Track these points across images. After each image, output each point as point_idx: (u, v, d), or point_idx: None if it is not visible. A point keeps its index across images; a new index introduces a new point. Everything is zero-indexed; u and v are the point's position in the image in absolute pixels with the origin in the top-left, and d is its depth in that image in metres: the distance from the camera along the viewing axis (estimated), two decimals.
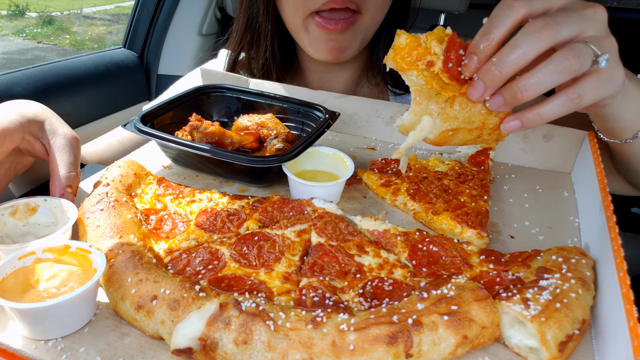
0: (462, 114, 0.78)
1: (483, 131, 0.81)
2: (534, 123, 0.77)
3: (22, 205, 0.84)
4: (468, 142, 0.83)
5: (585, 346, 0.68)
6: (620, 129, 0.98)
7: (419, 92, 0.79)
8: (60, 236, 0.78)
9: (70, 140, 0.92)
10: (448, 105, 0.78)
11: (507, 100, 0.75)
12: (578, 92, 0.75)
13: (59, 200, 0.85)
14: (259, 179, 1.07)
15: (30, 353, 0.64)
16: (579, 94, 0.75)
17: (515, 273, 0.75)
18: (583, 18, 0.74)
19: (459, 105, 0.78)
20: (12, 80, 1.92)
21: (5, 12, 6.24)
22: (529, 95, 0.73)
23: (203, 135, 1.10)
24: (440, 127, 0.79)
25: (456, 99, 0.77)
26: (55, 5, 7.19)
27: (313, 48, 1.37)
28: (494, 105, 0.77)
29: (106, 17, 7.25)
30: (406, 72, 0.79)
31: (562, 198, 1.06)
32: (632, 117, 0.95)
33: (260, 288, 0.73)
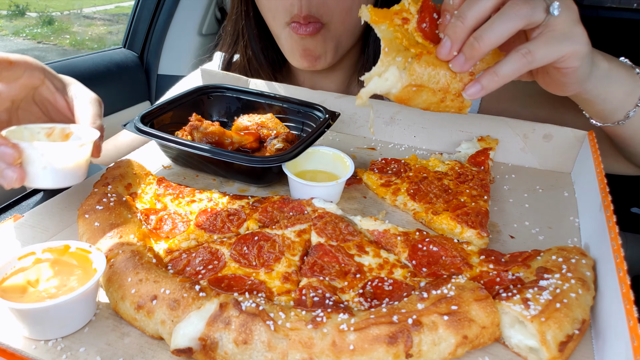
0: (427, 71, 0.79)
1: (447, 95, 0.82)
2: (493, 82, 0.78)
3: (58, 129, 0.87)
4: (431, 105, 0.83)
5: (585, 346, 0.68)
6: (609, 111, 0.99)
7: (389, 44, 0.79)
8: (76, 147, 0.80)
9: (96, 98, 0.94)
10: (415, 60, 0.79)
11: (467, 54, 0.77)
12: (529, 47, 0.76)
13: (89, 130, 0.87)
14: (259, 179, 1.07)
15: (30, 353, 0.64)
16: (529, 50, 0.76)
17: (515, 273, 0.75)
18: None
19: (425, 63, 0.79)
20: None
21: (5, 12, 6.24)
22: (485, 45, 0.75)
23: (203, 135, 1.10)
24: (405, 80, 0.80)
25: (423, 56, 0.79)
26: (55, 5, 7.19)
27: (290, 55, 1.39)
28: (456, 64, 0.78)
29: (106, 17, 7.25)
30: (379, 24, 0.79)
31: (562, 198, 1.06)
32: (619, 97, 0.96)
33: (260, 288, 0.73)
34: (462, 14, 0.75)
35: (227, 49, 1.56)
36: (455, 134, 1.25)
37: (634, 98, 0.97)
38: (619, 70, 0.94)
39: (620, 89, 0.95)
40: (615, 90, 0.95)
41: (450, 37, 0.77)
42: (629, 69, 0.97)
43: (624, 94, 0.96)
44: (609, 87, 0.94)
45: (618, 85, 0.95)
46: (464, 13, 0.75)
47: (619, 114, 0.99)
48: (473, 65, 0.79)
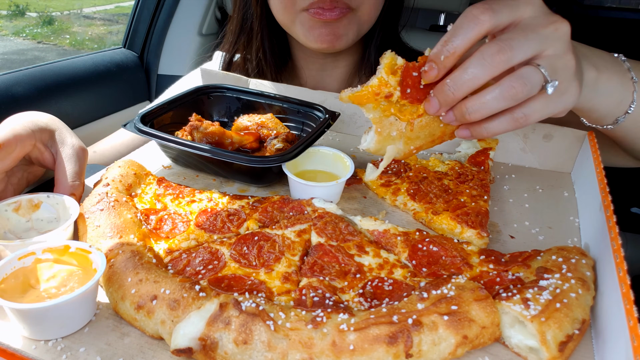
0: (422, 132, 0.81)
1: (444, 138, 0.84)
2: (482, 135, 0.79)
3: (25, 201, 0.84)
4: (430, 147, 0.86)
5: (585, 346, 0.68)
6: (597, 118, 0.99)
7: (379, 123, 0.81)
8: (62, 232, 0.78)
9: (77, 150, 0.94)
10: (408, 129, 0.81)
11: (457, 118, 0.77)
12: (524, 112, 0.75)
13: (61, 197, 0.86)
14: (259, 179, 1.07)
15: (30, 353, 0.64)
16: (524, 114, 0.76)
17: (515, 273, 0.75)
18: (542, 38, 0.73)
19: (418, 127, 0.81)
20: (12, 80, 1.92)
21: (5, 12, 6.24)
22: (476, 117, 0.75)
23: (203, 135, 1.10)
24: (404, 149, 0.83)
25: (415, 121, 0.80)
26: (55, 5, 7.19)
27: (307, 38, 1.35)
28: (446, 120, 0.79)
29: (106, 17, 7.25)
30: (364, 105, 0.80)
31: (562, 198, 1.06)
32: (607, 107, 0.95)
33: (260, 288, 0.73)
34: (455, 84, 0.73)
35: (229, 48, 1.56)
36: None
37: (623, 106, 0.94)
38: (610, 79, 0.91)
39: (609, 99, 0.93)
40: (602, 102, 0.93)
41: (439, 101, 0.76)
42: (621, 74, 0.93)
43: (612, 104, 0.94)
44: (596, 100, 0.92)
45: (606, 97, 0.92)
46: (456, 84, 0.73)
47: (608, 120, 0.98)
48: None
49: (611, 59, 0.94)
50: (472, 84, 0.72)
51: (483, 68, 0.71)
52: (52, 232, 0.78)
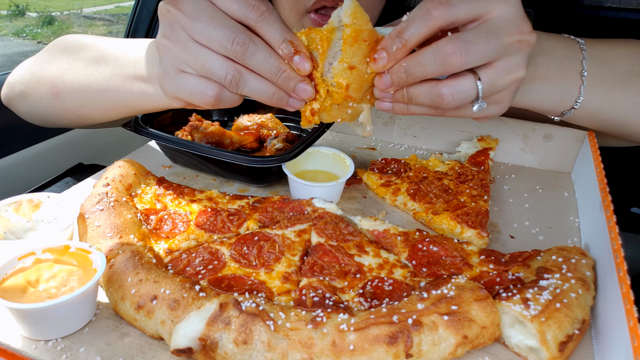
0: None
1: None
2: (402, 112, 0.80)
3: (25, 202, 0.84)
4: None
5: (585, 346, 0.68)
6: (543, 113, 0.98)
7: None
8: (62, 232, 0.78)
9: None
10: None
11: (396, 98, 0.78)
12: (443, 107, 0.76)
13: (61, 197, 0.85)
14: (259, 179, 1.07)
15: (30, 353, 0.64)
16: (443, 110, 0.77)
17: (515, 273, 0.75)
18: (502, 48, 0.71)
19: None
20: None
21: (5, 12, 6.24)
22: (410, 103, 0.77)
23: (203, 135, 1.10)
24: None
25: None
26: (55, 5, 7.19)
27: None
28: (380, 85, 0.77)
29: (106, 17, 7.25)
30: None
31: (562, 198, 1.06)
32: (545, 106, 0.94)
33: (260, 288, 0.73)
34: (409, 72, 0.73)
35: None
36: (455, 134, 1.25)
37: (567, 102, 0.92)
38: (547, 79, 0.89)
39: (547, 99, 0.92)
40: (538, 102, 0.92)
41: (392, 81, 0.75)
42: (566, 71, 0.91)
43: (552, 102, 0.92)
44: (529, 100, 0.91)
45: (542, 97, 0.91)
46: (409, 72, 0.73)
47: (554, 114, 0.97)
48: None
49: (565, 52, 0.92)
50: (423, 75, 0.73)
51: (435, 65, 0.70)
52: (52, 232, 0.78)
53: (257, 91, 0.76)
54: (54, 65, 1.16)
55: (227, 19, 0.71)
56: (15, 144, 1.57)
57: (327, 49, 0.75)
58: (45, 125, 1.29)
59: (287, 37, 0.72)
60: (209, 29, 0.71)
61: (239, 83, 0.74)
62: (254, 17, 0.70)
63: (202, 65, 0.73)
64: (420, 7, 0.70)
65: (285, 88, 0.75)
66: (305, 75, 0.75)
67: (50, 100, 1.16)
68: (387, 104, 0.80)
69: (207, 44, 0.72)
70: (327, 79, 0.77)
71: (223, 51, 0.72)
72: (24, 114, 1.28)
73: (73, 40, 1.19)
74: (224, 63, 0.73)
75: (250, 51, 0.71)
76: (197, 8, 0.71)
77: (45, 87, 1.16)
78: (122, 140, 1.83)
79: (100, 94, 1.08)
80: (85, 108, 1.14)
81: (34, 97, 1.19)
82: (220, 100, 0.76)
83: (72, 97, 1.13)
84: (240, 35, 0.70)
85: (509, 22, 0.71)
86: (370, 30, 0.73)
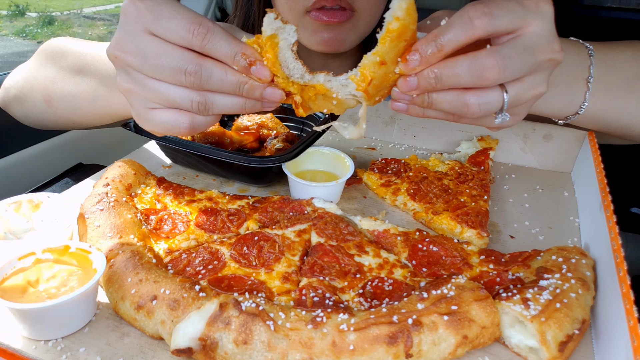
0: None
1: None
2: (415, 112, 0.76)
3: (25, 202, 0.84)
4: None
5: (585, 346, 0.68)
6: (547, 117, 0.98)
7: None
8: (62, 232, 0.78)
9: None
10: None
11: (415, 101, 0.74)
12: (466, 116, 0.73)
13: (61, 197, 0.85)
14: (259, 179, 1.07)
15: (30, 353, 0.64)
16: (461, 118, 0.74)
17: (515, 273, 0.75)
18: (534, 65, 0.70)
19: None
20: None
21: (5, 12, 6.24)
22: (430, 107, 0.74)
23: (203, 135, 1.10)
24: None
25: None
26: (55, 5, 7.18)
27: (310, 41, 1.34)
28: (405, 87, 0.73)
29: (106, 17, 7.24)
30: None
31: (562, 198, 1.06)
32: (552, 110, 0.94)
33: (260, 288, 0.73)
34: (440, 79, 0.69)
35: None
36: (455, 134, 1.25)
37: (572, 107, 0.92)
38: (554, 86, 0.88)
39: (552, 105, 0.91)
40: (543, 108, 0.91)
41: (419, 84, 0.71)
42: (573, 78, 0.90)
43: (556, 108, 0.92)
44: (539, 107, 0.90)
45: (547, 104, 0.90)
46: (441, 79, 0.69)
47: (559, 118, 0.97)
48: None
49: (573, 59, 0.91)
50: (454, 84, 0.70)
51: (470, 77, 0.68)
52: (52, 232, 0.78)
53: (228, 107, 0.74)
54: (43, 73, 1.16)
55: (173, 50, 0.69)
56: (15, 144, 1.57)
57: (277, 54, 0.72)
58: (43, 128, 1.29)
59: (238, 51, 0.69)
60: (157, 65, 0.69)
61: (206, 106, 0.73)
62: (197, 42, 0.68)
63: (166, 99, 0.72)
64: (461, 15, 0.67)
65: (253, 97, 0.74)
66: (267, 82, 0.73)
67: (44, 107, 1.16)
68: (402, 105, 0.76)
69: (162, 78, 0.71)
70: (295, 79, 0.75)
71: (179, 83, 0.70)
72: (21, 118, 1.28)
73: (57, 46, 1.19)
74: (185, 92, 0.71)
75: (205, 77, 0.70)
76: (140, 46, 0.70)
77: (38, 94, 1.16)
78: (122, 140, 1.83)
79: (90, 102, 1.08)
80: (77, 115, 1.14)
81: (28, 102, 1.20)
82: (195, 127, 0.75)
83: (63, 105, 1.13)
84: (190, 65, 0.69)
85: (543, 39, 0.69)
86: (414, 31, 0.69)
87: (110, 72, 0.98)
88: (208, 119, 0.76)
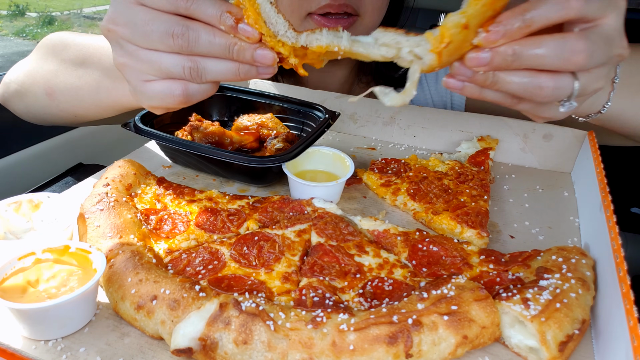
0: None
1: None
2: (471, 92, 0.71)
3: (25, 202, 0.84)
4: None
5: (585, 346, 0.68)
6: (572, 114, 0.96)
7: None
8: (62, 232, 0.78)
9: None
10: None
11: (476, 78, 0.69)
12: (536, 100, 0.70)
13: (61, 197, 0.85)
14: (259, 179, 1.07)
15: (30, 353, 0.64)
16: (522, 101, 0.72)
17: (515, 273, 0.75)
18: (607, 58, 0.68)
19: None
20: None
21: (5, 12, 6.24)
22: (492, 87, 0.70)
23: (203, 135, 1.10)
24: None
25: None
26: (55, 5, 7.18)
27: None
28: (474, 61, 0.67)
29: None
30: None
31: (562, 198, 1.06)
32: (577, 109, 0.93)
33: (260, 288, 0.73)
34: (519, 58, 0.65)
35: None
36: (455, 134, 1.25)
37: (596, 106, 0.92)
38: None
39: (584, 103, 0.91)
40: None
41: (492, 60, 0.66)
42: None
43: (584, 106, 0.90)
44: None
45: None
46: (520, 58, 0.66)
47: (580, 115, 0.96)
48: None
49: None
50: (534, 64, 0.66)
51: (555, 58, 0.65)
52: (52, 232, 0.78)
53: (221, 73, 0.73)
54: (44, 66, 1.15)
55: (160, 15, 0.70)
56: (15, 144, 1.57)
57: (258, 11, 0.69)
58: (43, 123, 1.28)
59: (223, 9, 0.69)
60: (147, 32, 0.70)
61: (199, 72, 0.72)
62: (183, 4, 0.69)
63: (159, 68, 0.72)
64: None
65: (245, 60, 0.72)
66: (256, 41, 0.71)
67: (46, 101, 1.15)
68: (457, 83, 0.71)
69: (152, 47, 0.71)
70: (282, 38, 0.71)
71: (169, 48, 0.71)
72: (21, 113, 1.27)
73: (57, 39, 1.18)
74: (176, 59, 0.71)
75: (193, 39, 0.70)
76: (130, 17, 0.71)
77: (39, 87, 1.15)
78: (122, 140, 1.83)
79: (93, 94, 1.07)
80: (80, 108, 1.13)
81: (29, 97, 1.19)
82: (190, 95, 0.75)
83: (66, 98, 1.13)
84: (177, 27, 0.69)
85: (617, 32, 0.69)
86: (505, 3, 0.64)
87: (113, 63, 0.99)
88: (202, 87, 0.76)
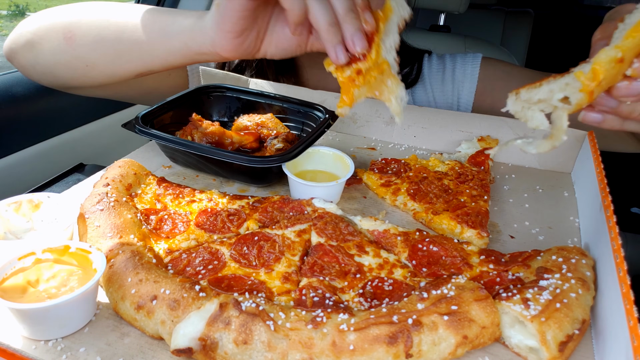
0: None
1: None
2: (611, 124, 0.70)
3: (25, 202, 0.84)
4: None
5: (585, 346, 0.68)
6: None
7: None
8: (62, 232, 0.78)
9: None
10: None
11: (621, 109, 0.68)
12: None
13: (61, 197, 0.85)
14: (259, 179, 1.07)
15: (30, 353, 0.64)
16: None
17: (515, 273, 0.75)
18: None
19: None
20: (12, 80, 1.92)
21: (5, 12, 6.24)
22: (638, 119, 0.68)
23: (203, 135, 1.10)
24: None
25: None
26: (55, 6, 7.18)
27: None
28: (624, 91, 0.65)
29: None
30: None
31: (562, 198, 1.06)
32: None
33: (260, 288, 0.73)
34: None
35: None
36: (455, 134, 1.25)
37: None
38: None
39: None
40: None
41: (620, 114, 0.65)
42: None
43: None
44: None
45: None
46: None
47: None
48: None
49: None
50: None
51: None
52: (52, 232, 0.78)
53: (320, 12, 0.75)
54: (71, 11, 1.12)
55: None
56: (15, 144, 1.57)
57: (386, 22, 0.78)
58: (44, 81, 1.22)
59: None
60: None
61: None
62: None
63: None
64: None
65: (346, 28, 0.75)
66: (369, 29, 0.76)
67: (62, 46, 1.11)
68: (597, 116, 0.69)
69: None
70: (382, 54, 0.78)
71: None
72: (26, 67, 1.22)
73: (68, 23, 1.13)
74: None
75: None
76: None
77: (57, 33, 1.11)
78: (122, 140, 1.83)
79: (118, 33, 1.03)
80: (97, 53, 1.08)
81: (42, 45, 1.14)
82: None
83: (86, 40, 1.08)
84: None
85: None
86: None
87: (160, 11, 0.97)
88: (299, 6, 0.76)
